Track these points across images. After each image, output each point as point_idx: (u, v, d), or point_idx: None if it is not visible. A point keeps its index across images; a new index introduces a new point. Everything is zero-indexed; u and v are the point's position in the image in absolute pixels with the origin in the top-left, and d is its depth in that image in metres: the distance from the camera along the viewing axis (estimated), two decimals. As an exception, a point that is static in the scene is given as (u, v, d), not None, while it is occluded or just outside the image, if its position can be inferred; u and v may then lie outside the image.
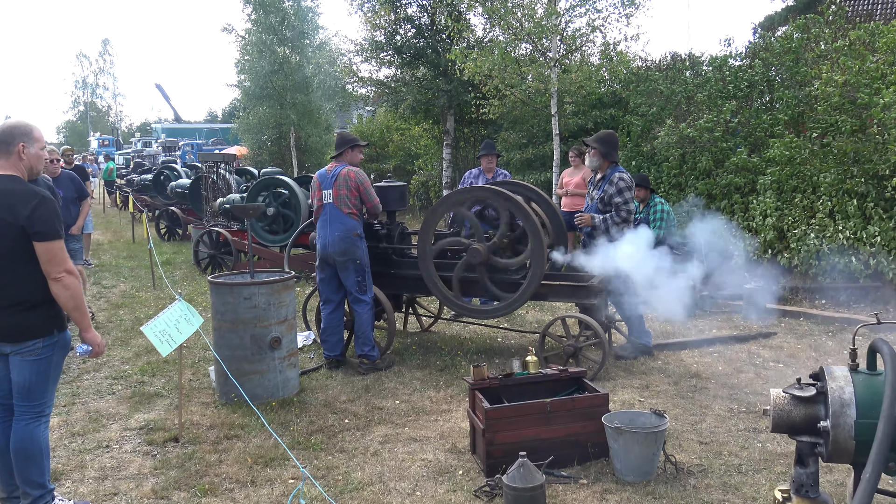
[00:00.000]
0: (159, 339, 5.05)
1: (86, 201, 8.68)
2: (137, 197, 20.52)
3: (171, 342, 5.07)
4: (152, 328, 5.07)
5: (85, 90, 78.64)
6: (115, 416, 5.79)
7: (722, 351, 7.13)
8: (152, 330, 5.06)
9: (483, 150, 9.20)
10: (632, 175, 7.13)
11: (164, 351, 5.03)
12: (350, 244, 6.55)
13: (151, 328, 5.06)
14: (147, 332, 5.03)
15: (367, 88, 18.45)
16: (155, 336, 5.05)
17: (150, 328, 5.06)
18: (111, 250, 15.63)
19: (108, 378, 6.77)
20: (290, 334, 6.14)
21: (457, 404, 5.82)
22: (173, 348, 5.08)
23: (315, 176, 6.83)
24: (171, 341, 5.09)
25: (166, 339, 5.08)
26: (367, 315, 6.70)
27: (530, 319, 8.53)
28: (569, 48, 12.94)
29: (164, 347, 5.04)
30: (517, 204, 6.39)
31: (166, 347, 5.05)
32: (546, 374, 4.90)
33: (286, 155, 24.59)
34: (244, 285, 5.91)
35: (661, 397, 5.83)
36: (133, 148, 46.02)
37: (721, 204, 10.25)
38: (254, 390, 5.95)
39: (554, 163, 12.62)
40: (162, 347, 5.04)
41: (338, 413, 5.72)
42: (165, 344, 5.06)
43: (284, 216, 11.62)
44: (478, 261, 6.53)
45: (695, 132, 10.35)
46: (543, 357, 6.39)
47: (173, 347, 5.07)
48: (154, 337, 5.04)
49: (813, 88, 9.62)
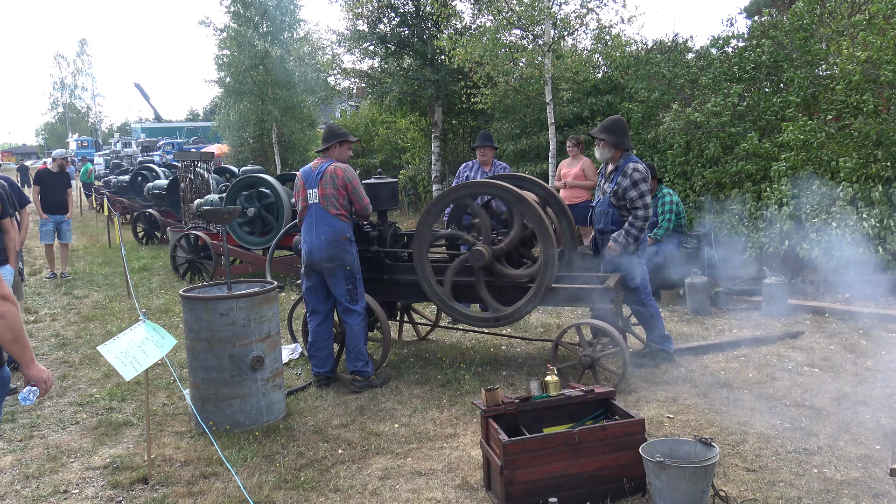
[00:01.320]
0: (121, 360, 4.39)
1: (24, 211, 7.70)
2: (114, 199, 19.74)
3: (135, 365, 4.40)
4: (111, 348, 4.39)
5: (63, 91, 77.50)
6: (77, 451, 5.10)
7: (748, 354, 6.52)
8: (111, 351, 4.38)
9: (479, 141, 8.54)
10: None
11: (127, 375, 4.36)
12: (339, 249, 5.88)
13: (110, 349, 4.39)
14: (105, 353, 4.37)
15: (350, 80, 17.70)
16: (115, 358, 4.38)
17: (108, 348, 4.39)
18: (86, 256, 14.87)
19: (72, 404, 6.07)
20: (273, 352, 5.47)
21: (463, 427, 5.17)
22: (138, 372, 4.40)
23: (299, 174, 6.15)
24: (136, 364, 4.41)
25: (130, 361, 4.41)
26: (359, 327, 6.04)
27: (535, 323, 7.88)
28: (561, 33, 12.27)
29: (127, 371, 4.37)
30: (530, 205, 5.74)
31: (130, 371, 4.38)
32: (569, 395, 4.26)
33: (269, 152, 23.83)
34: (220, 299, 5.23)
35: (693, 413, 5.20)
36: (112, 148, 45.01)
37: (731, 193, 9.63)
38: (234, 417, 5.30)
39: (550, 153, 11.98)
40: (125, 371, 4.36)
41: (330, 441, 5.06)
42: (129, 366, 4.39)
43: (266, 217, 10.92)
44: (479, 264, 5.89)
45: (702, 117, 9.72)
46: (557, 369, 5.74)
47: (138, 371, 4.40)
48: (115, 359, 4.37)
49: (827, 67, 9.01)
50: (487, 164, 8.50)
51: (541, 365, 6.43)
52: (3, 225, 6.17)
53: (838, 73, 8.66)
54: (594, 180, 10.10)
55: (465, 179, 8.43)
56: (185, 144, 38.90)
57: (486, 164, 8.50)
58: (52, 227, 11.81)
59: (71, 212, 12.05)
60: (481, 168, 8.51)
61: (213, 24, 23.70)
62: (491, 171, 8.47)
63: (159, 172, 17.90)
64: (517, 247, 6.16)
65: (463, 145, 17.15)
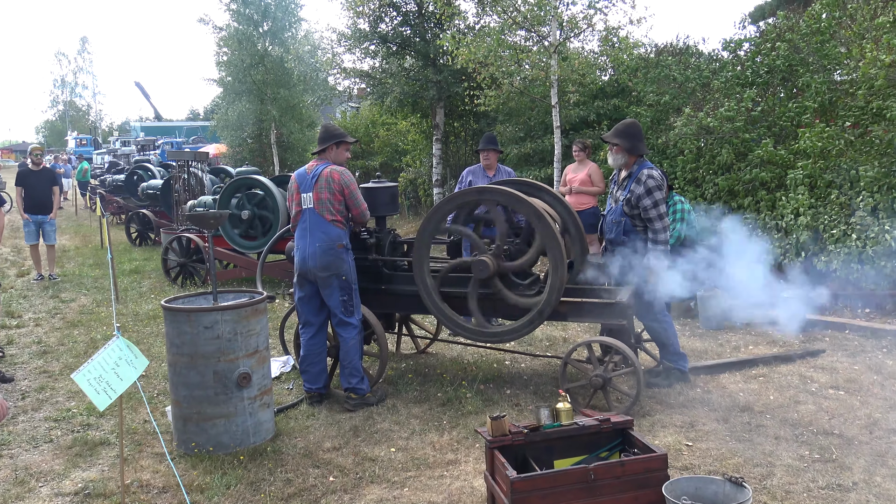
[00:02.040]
0: (94, 388, 3.99)
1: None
2: (109, 198, 19.36)
3: (108, 392, 4.01)
4: (85, 375, 4.00)
5: (64, 89, 77.21)
6: (48, 474, 4.71)
7: (767, 374, 6.14)
8: (85, 378, 4.00)
9: (483, 144, 8.12)
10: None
11: (100, 403, 3.97)
12: (334, 257, 5.50)
13: (84, 375, 4.00)
14: (79, 381, 3.97)
15: (350, 80, 17.31)
16: (89, 385, 3.99)
17: (82, 375, 4.00)
18: (77, 257, 14.48)
19: (47, 419, 5.69)
20: (261, 368, 5.09)
21: (465, 452, 4.79)
22: (112, 399, 4.02)
23: (293, 176, 5.76)
24: (109, 390, 4.03)
25: (103, 387, 4.02)
26: (354, 341, 5.65)
27: (539, 336, 7.49)
28: (567, 35, 11.89)
29: (101, 399, 3.98)
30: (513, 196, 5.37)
31: (104, 399, 3.99)
32: (583, 425, 3.87)
33: (267, 153, 23.45)
34: (204, 311, 4.85)
35: (713, 440, 4.82)
36: (110, 147, 44.63)
37: (745, 201, 9.26)
38: (219, 438, 4.92)
39: (555, 157, 11.59)
40: (98, 399, 3.98)
41: (321, 467, 4.67)
42: (103, 394, 4.00)
43: (261, 219, 10.54)
44: (486, 274, 5.51)
45: (715, 122, 9.34)
46: (566, 389, 5.37)
47: (112, 399, 4.01)
48: (88, 386, 3.98)
49: (847, 71, 8.63)
50: (491, 169, 8.11)
51: (547, 383, 6.05)
52: None
53: (860, 78, 8.28)
54: (601, 186, 9.74)
55: (469, 185, 8.05)
56: (184, 144, 38.50)
57: (489, 169, 8.11)
58: (34, 228, 11.43)
59: (55, 212, 11.65)
60: (485, 173, 8.12)
61: (213, 21, 23.33)
62: (495, 175, 8.08)
63: (155, 172, 17.53)
64: (520, 247, 5.80)
65: (465, 148, 16.78)
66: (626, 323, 5.51)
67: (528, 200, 5.41)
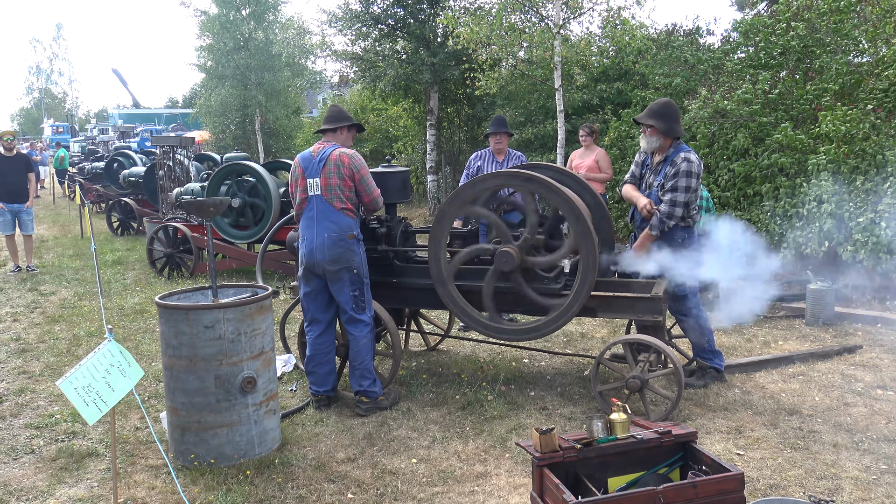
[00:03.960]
0: (82, 398, 3.50)
1: None
2: (88, 186, 18.70)
3: (99, 404, 3.52)
4: (72, 383, 3.51)
5: (39, 76, 75.85)
6: (30, 491, 4.21)
7: (806, 373, 5.74)
8: (72, 385, 3.50)
9: (493, 127, 7.63)
10: None
11: (90, 417, 3.49)
12: (344, 249, 5.01)
13: (71, 383, 3.50)
14: (65, 390, 3.48)
15: (342, 63, 16.73)
16: (76, 395, 3.50)
17: (68, 383, 3.50)
18: (56, 248, 13.86)
19: (28, 427, 5.17)
20: (267, 371, 4.61)
21: (495, 463, 4.34)
22: (103, 413, 3.53)
23: (297, 160, 5.25)
24: (100, 402, 3.54)
25: (93, 398, 3.53)
26: (365, 339, 5.17)
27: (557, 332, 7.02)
28: (570, 14, 11.42)
29: (90, 412, 3.50)
30: (553, 188, 4.90)
31: (94, 412, 3.51)
32: (641, 438, 3.43)
33: (251, 139, 22.83)
34: (204, 309, 4.35)
35: (765, 448, 4.40)
36: (88, 135, 43.64)
37: (762, 187, 8.86)
38: (221, 449, 4.44)
39: (558, 143, 11.15)
40: (88, 412, 3.49)
41: (336, 481, 4.21)
42: (92, 406, 3.52)
43: (253, 207, 10.02)
44: (510, 267, 5.04)
45: (732, 105, 8.92)
46: (598, 392, 4.94)
47: (103, 412, 3.52)
48: (75, 396, 3.49)
49: (874, 51, 8.23)
50: (502, 154, 7.63)
51: (573, 384, 5.62)
52: None
53: (887, 57, 7.89)
54: (609, 172, 9.31)
55: (477, 171, 7.58)
56: (163, 131, 37.65)
57: (499, 154, 7.63)
58: (10, 218, 10.80)
59: (31, 200, 11.04)
60: (494, 158, 7.65)
61: (194, 4, 22.63)
62: (505, 160, 7.62)
63: (136, 159, 16.90)
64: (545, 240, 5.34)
65: (459, 134, 16.28)
66: (661, 319, 5.08)
67: (568, 195, 4.93)
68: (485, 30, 10.60)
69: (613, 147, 10.86)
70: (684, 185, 5.20)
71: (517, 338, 5.35)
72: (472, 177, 7.53)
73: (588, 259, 4.89)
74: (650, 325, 5.12)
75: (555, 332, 5.39)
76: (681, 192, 5.20)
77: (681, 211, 5.21)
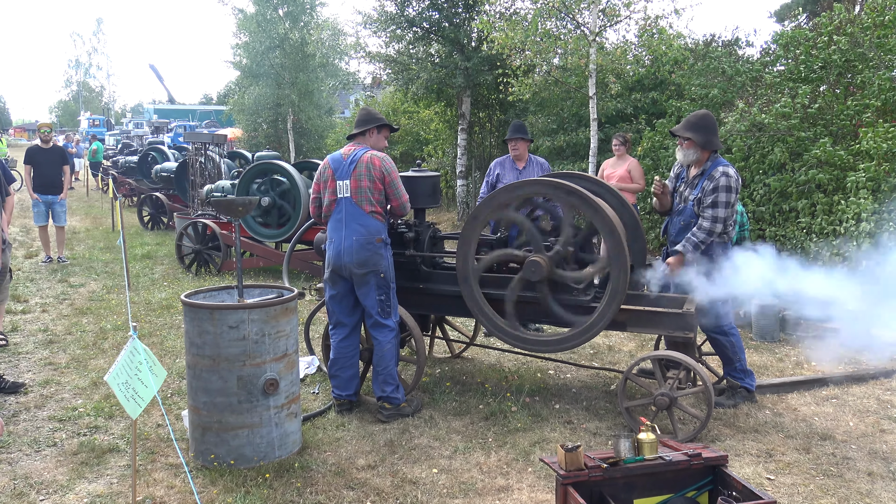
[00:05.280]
0: (123, 393, 3.54)
1: (10, 199, 6.65)
2: (121, 180, 18.90)
3: (137, 399, 3.53)
4: (115, 379, 3.55)
5: (78, 70, 77.20)
6: (50, 485, 4.20)
7: (840, 396, 5.59)
8: (115, 381, 3.54)
9: (511, 133, 7.41)
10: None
11: (132, 411, 3.54)
12: (372, 252, 4.97)
13: (114, 379, 3.54)
14: (113, 385, 3.54)
15: (375, 65, 16.73)
16: (119, 390, 3.53)
17: (113, 378, 3.54)
18: (87, 240, 13.99)
19: (51, 419, 5.18)
20: (290, 374, 4.57)
21: (517, 477, 4.26)
22: (142, 408, 3.53)
23: (326, 161, 5.21)
24: (138, 398, 3.54)
25: (131, 394, 3.55)
26: (390, 345, 5.12)
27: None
28: (607, 22, 11.31)
29: (131, 406, 3.54)
30: (592, 203, 4.81)
31: (133, 406, 3.54)
32: (670, 460, 3.33)
33: (283, 138, 22.95)
34: (229, 309, 4.32)
35: (797, 473, 4.27)
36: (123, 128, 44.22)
37: (798, 203, 8.67)
38: (241, 450, 4.40)
39: (591, 152, 11.03)
40: (129, 406, 3.55)
41: (355, 488, 4.15)
42: (132, 402, 3.55)
43: (281, 207, 10.03)
44: (538, 277, 4.96)
45: (770, 118, 8.75)
46: (625, 408, 4.84)
47: (142, 407, 3.53)
48: (119, 391, 3.54)
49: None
50: (521, 160, 7.46)
51: (599, 398, 5.52)
52: None
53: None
54: (641, 183, 9.18)
55: (496, 178, 7.46)
56: (197, 128, 38.02)
57: (519, 160, 7.46)
58: (44, 209, 10.93)
59: (65, 192, 11.15)
60: (515, 165, 7.49)
61: (233, 2, 22.86)
62: (526, 167, 7.47)
63: (169, 154, 17.04)
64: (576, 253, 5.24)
65: (490, 139, 16.21)
66: (692, 335, 4.96)
67: (607, 213, 4.83)
68: (520, 35, 10.51)
69: (646, 157, 10.72)
70: (724, 200, 5.09)
71: (541, 349, 5.26)
72: (491, 184, 7.42)
73: (618, 278, 4.79)
74: (680, 342, 5.01)
75: (580, 345, 5.29)
76: (721, 208, 5.09)
77: (720, 227, 5.11)
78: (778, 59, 9.75)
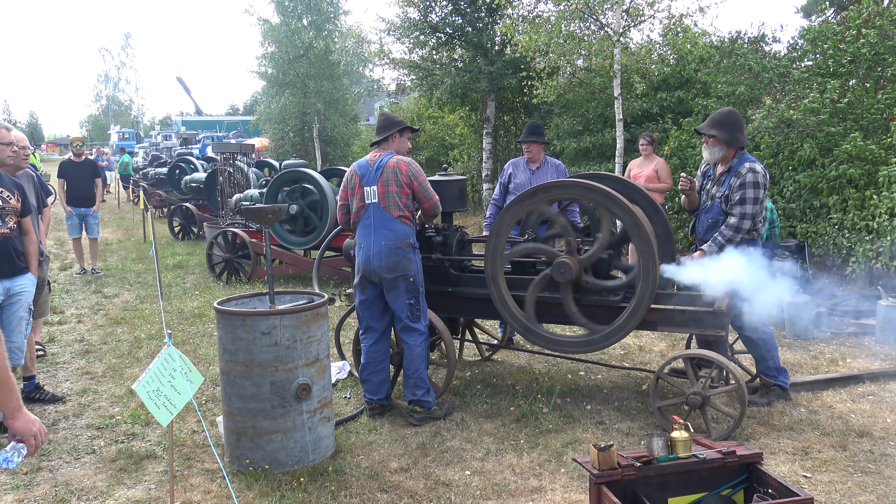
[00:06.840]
0: (154, 401, 3.58)
1: (46, 212, 6.74)
2: (151, 191, 19.17)
3: (169, 407, 3.58)
4: (144, 387, 3.59)
5: (107, 84, 78.45)
6: (90, 492, 4.28)
7: (877, 393, 5.51)
8: (145, 389, 3.58)
9: (524, 135, 7.14)
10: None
11: (163, 419, 3.58)
12: (401, 257, 5.00)
13: (144, 387, 3.58)
14: (141, 394, 3.57)
15: (399, 72, 16.80)
16: (149, 398, 3.58)
17: (143, 387, 3.58)
18: (120, 251, 14.22)
19: (89, 427, 5.28)
20: (322, 379, 4.61)
21: (549, 478, 4.26)
22: (174, 415, 3.58)
23: (353, 168, 5.25)
24: (170, 405, 3.59)
25: (163, 402, 3.60)
26: (420, 348, 5.15)
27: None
28: (631, 22, 11.26)
29: (162, 414, 3.58)
30: (623, 205, 4.80)
31: (165, 414, 3.58)
32: (704, 458, 3.32)
33: (309, 146, 23.13)
34: (261, 315, 4.38)
35: (833, 471, 4.22)
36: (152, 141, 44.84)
37: (830, 199, 8.56)
38: (275, 455, 4.45)
39: (617, 152, 10.98)
40: (160, 414, 3.58)
41: (389, 491, 4.18)
42: (163, 409, 3.59)
43: (309, 215, 10.11)
44: (566, 278, 4.96)
45: (798, 114, 8.66)
46: (658, 408, 4.82)
47: (174, 414, 3.58)
48: (148, 399, 3.58)
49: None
50: (535, 162, 7.24)
51: (631, 398, 5.49)
52: (23, 225, 5.29)
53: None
54: (668, 182, 9.14)
55: (509, 178, 7.32)
56: (224, 138, 38.44)
57: (533, 162, 7.24)
58: (77, 221, 11.14)
59: (98, 205, 11.35)
60: (528, 166, 7.33)
61: (258, 13, 23.11)
62: (539, 169, 7.29)
63: (197, 165, 17.26)
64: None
65: (515, 142, 16.21)
66: (723, 334, 4.93)
67: (644, 223, 4.82)
68: (543, 38, 10.51)
69: (673, 157, 10.65)
70: (752, 197, 5.05)
71: (570, 350, 5.25)
72: (504, 184, 7.27)
73: (647, 284, 4.77)
74: (712, 340, 4.98)
75: (610, 346, 5.27)
76: (749, 204, 5.06)
77: (748, 224, 5.07)
78: (805, 54, 9.65)
